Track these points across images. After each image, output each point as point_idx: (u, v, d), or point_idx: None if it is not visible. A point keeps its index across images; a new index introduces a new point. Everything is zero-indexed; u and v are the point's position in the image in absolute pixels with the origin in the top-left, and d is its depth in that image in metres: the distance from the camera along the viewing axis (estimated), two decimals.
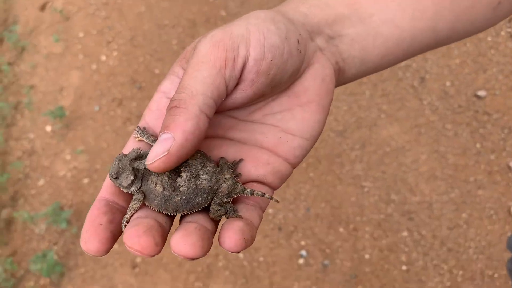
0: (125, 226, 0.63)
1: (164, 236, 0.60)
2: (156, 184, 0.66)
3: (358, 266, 2.50)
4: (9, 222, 2.70)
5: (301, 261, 2.53)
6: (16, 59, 3.25)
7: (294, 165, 0.72)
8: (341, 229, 2.61)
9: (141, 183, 0.67)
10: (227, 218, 0.65)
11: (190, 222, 0.62)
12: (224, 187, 0.67)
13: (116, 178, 0.66)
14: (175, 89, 0.67)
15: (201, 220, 0.64)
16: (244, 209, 0.66)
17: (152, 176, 0.66)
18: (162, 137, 0.59)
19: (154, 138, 0.70)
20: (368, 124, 2.87)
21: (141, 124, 0.72)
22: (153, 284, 2.58)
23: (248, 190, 0.67)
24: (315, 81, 0.71)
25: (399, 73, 3.07)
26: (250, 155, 0.70)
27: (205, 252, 0.57)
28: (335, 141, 2.82)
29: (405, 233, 2.57)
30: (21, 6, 3.48)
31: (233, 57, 0.62)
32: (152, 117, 0.71)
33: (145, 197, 0.67)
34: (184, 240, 0.57)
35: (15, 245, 2.64)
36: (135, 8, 3.44)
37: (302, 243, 2.59)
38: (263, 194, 0.67)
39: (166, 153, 0.58)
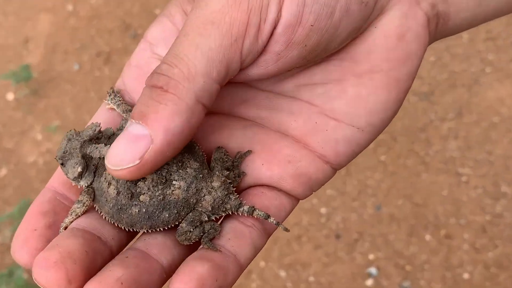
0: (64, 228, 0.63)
1: (91, 266, 0.55)
2: (109, 183, 0.62)
3: None
4: None
5: (369, 282, 2.30)
6: None
7: (335, 166, 0.66)
8: (427, 237, 2.33)
9: (93, 177, 0.64)
10: (201, 243, 0.60)
11: (126, 258, 0.57)
12: (208, 200, 0.63)
13: (62, 164, 0.64)
14: (165, 41, 0.67)
15: (158, 247, 0.60)
16: (232, 234, 0.61)
17: (106, 172, 0.63)
18: (135, 131, 0.54)
19: (128, 107, 0.68)
20: (466, 83, 2.64)
21: (118, 84, 0.70)
22: None
23: (245, 207, 0.62)
24: (387, 39, 0.63)
25: None
26: (265, 145, 0.66)
27: None
28: (417, 108, 2.59)
29: None
30: None
31: (258, 22, 0.56)
32: (130, 76, 0.69)
33: (95, 197, 0.64)
34: None
35: None
36: None
37: (371, 256, 2.34)
38: (267, 217, 0.62)
39: (138, 162, 0.53)
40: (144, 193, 0.61)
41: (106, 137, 0.64)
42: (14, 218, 2.54)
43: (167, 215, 0.61)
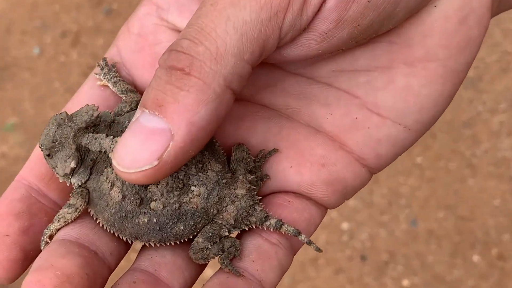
0: (46, 243, 0.57)
1: None
2: (112, 185, 0.57)
3: None
4: None
5: None
6: None
7: (374, 170, 0.64)
8: (475, 257, 2.17)
9: (89, 174, 0.59)
10: (220, 264, 0.58)
11: (134, 283, 0.55)
12: (230, 211, 0.59)
13: (48, 155, 0.59)
14: (179, 4, 0.64)
15: (168, 267, 0.58)
16: (255, 254, 0.59)
17: (109, 169, 0.58)
18: (150, 124, 0.49)
19: (127, 86, 0.64)
20: None
21: (111, 54, 0.66)
22: None
23: (273, 220, 0.59)
24: (446, 21, 0.59)
25: None
26: (294, 143, 0.64)
27: None
28: (462, 98, 2.40)
29: None
30: None
31: None
32: (129, 46, 0.65)
33: (91, 199, 0.59)
34: None
35: None
36: None
37: (405, 283, 2.18)
38: (297, 234, 0.59)
39: (155, 163, 0.48)
40: (156, 199, 0.58)
41: (106, 125, 0.59)
42: None
43: (182, 227, 0.58)
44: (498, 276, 2.13)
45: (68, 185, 0.60)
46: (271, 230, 0.59)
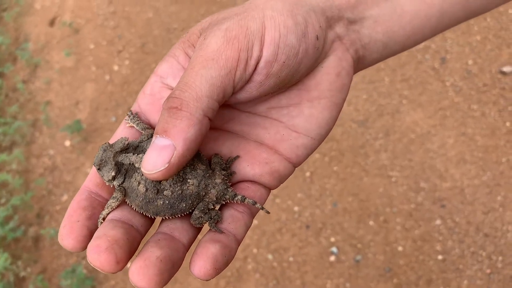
0: (101, 223, 0.61)
1: (131, 249, 0.57)
2: (139, 183, 0.62)
3: (392, 259, 2.44)
4: (37, 239, 2.71)
5: (332, 258, 2.49)
6: (30, 76, 3.25)
7: (295, 165, 0.68)
8: (371, 222, 2.55)
9: (124, 178, 0.64)
10: (209, 227, 0.62)
11: (159, 240, 0.58)
12: (213, 193, 0.64)
13: (99, 169, 0.63)
14: (173, 75, 0.65)
15: (178, 230, 0.61)
16: (230, 219, 0.62)
17: (136, 174, 0.63)
18: (161, 143, 0.55)
19: (145, 125, 0.67)
20: (390, 112, 2.81)
21: (134, 108, 0.68)
22: None
23: (239, 196, 0.64)
24: (329, 75, 0.66)
25: (418, 56, 2.95)
26: (248, 152, 0.67)
27: (162, 285, 0.54)
28: (357, 132, 2.77)
29: (438, 222, 2.50)
30: (31, 23, 3.48)
31: (246, 58, 0.58)
32: (145, 102, 0.67)
33: (126, 193, 0.63)
34: (142, 272, 0.53)
35: (45, 262, 2.65)
36: (143, 15, 3.40)
37: (332, 239, 2.54)
38: (254, 203, 0.63)
39: (166, 165, 0.54)
40: (167, 189, 0.61)
41: (133, 148, 0.64)
42: None
43: (184, 205, 0.62)
44: (385, 232, 2.49)
45: (111, 187, 0.64)
46: (239, 202, 0.63)
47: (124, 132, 0.68)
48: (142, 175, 0.62)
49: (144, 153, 0.59)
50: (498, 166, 2.58)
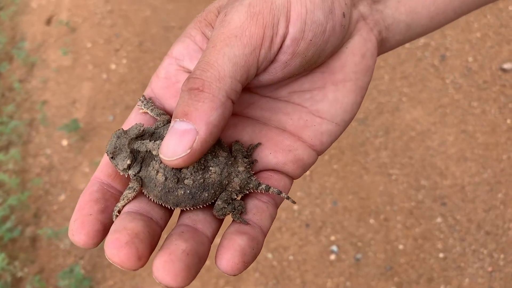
0: (116, 216, 0.58)
1: (152, 244, 0.54)
2: (157, 172, 0.59)
3: (393, 258, 2.43)
4: (34, 239, 2.70)
5: (332, 257, 2.48)
6: (27, 75, 3.24)
7: (319, 153, 0.67)
8: (371, 221, 2.54)
9: (140, 167, 0.61)
10: (233, 219, 0.59)
11: (182, 233, 0.55)
12: (236, 182, 0.62)
13: (112, 157, 0.61)
14: (189, 56, 0.62)
15: (201, 222, 0.59)
16: (255, 210, 0.60)
17: (154, 162, 0.60)
18: (181, 127, 0.52)
19: (160, 111, 0.64)
20: (390, 109, 2.80)
21: (147, 92, 0.66)
22: None
23: (263, 185, 0.61)
24: (354, 56, 0.64)
25: (418, 53, 2.94)
26: (270, 138, 0.65)
27: (189, 281, 0.51)
28: (357, 130, 2.76)
29: (439, 219, 2.49)
30: (27, 22, 3.47)
31: (271, 36, 0.55)
32: (159, 86, 0.65)
33: (143, 183, 0.61)
34: (167, 267, 0.50)
35: (42, 262, 2.64)
36: (141, 13, 3.40)
37: (332, 238, 2.53)
38: (279, 193, 0.61)
39: (188, 151, 0.51)
40: (188, 177, 0.59)
41: (149, 134, 0.62)
42: None
43: (207, 194, 0.60)
44: (385, 230, 2.48)
45: (126, 176, 0.61)
46: (263, 192, 0.61)
47: (137, 118, 0.65)
48: (161, 163, 0.59)
49: (162, 139, 0.57)
50: (498, 164, 2.58)
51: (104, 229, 0.56)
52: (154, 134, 0.62)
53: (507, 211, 2.47)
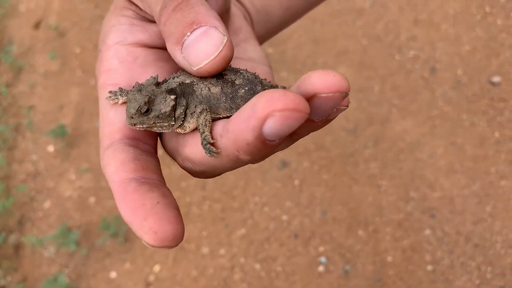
0: (210, 144, 0.50)
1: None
2: (209, 88, 0.56)
3: (381, 269, 2.44)
4: (18, 247, 2.67)
5: (321, 268, 2.48)
6: (14, 80, 3.23)
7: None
8: (360, 232, 2.55)
9: (186, 101, 0.56)
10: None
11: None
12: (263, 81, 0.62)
13: (147, 111, 0.53)
14: (131, 31, 0.57)
15: None
16: None
17: (197, 85, 0.56)
18: (198, 32, 0.47)
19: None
20: (379, 120, 2.81)
21: (110, 88, 0.57)
22: None
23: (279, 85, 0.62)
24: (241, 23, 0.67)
25: (408, 65, 2.97)
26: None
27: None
28: (347, 140, 2.77)
29: (427, 231, 2.50)
30: (15, 25, 3.45)
31: None
32: (119, 74, 0.57)
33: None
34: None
35: (25, 270, 2.61)
36: None
37: (321, 249, 2.53)
38: (283, 87, 0.61)
39: (221, 46, 0.48)
40: (236, 79, 0.57)
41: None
42: (56, 238, 2.57)
43: (260, 87, 0.59)
44: (374, 242, 2.47)
45: (174, 127, 0.54)
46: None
47: (117, 113, 0.55)
48: (204, 80, 0.56)
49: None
50: (487, 176, 2.60)
51: (179, 213, 0.49)
52: (166, 82, 0.58)
53: (495, 223, 2.49)
